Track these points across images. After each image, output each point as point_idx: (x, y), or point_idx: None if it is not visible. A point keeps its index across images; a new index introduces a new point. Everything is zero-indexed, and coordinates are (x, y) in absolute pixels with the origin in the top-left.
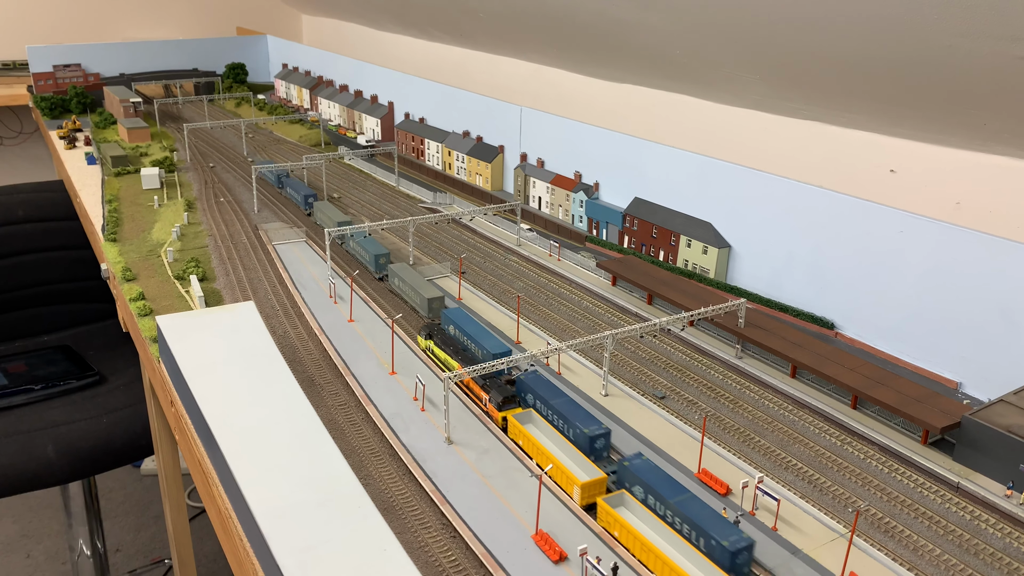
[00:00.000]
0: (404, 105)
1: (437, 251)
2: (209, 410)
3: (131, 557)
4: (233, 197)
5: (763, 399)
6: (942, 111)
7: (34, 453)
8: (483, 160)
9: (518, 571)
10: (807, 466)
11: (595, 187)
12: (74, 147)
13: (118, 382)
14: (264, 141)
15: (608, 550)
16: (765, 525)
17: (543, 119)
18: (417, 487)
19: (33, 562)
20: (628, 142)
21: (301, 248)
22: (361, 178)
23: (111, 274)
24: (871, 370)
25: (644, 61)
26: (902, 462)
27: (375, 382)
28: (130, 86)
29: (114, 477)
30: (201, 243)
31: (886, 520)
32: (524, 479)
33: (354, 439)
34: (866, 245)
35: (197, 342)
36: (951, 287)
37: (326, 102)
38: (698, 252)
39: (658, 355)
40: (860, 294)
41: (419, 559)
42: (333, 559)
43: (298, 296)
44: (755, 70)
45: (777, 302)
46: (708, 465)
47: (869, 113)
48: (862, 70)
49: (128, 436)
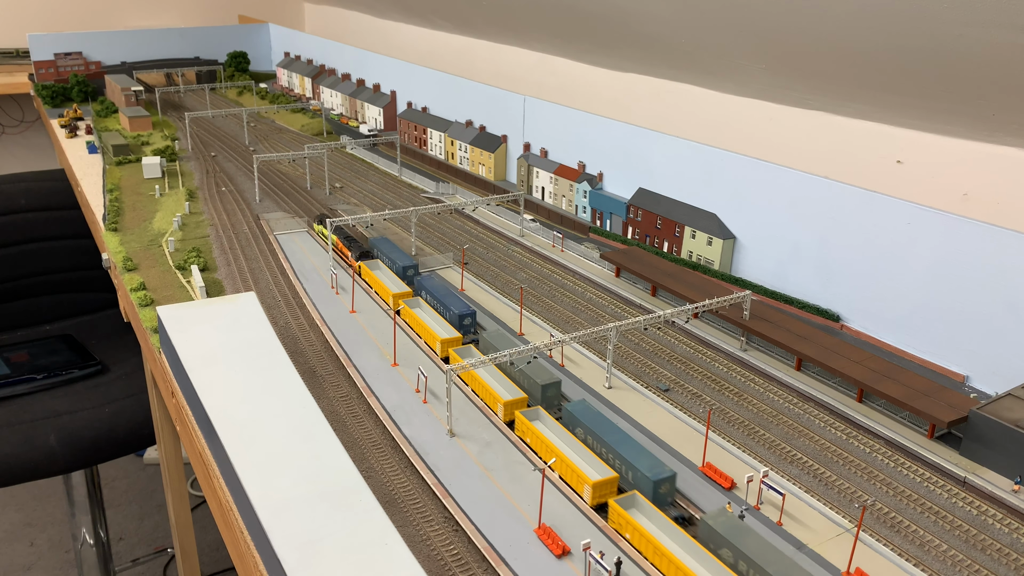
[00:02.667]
0: (407, 94)
1: (439, 242)
2: (210, 402)
3: (134, 546)
4: (235, 186)
5: (768, 392)
6: (950, 101)
7: (36, 443)
8: (486, 150)
9: (520, 565)
10: (812, 460)
11: (599, 177)
12: (75, 136)
13: (120, 371)
14: (266, 130)
15: (611, 544)
16: (770, 520)
17: (547, 108)
18: (419, 480)
19: (37, 550)
20: (632, 132)
21: (303, 238)
22: (363, 168)
23: (112, 264)
24: (877, 363)
25: (649, 50)
26: (908, 456)
27: (377, 374)
28: (131, 74)
29: (117, 466)
30: (202, 233)
31: (892, 515)
32: (527, 472)
33: (356, 431)
34: (872, 237)
35: (198, 333)
36: (958, 279)
37: (328, 91)
38: (703, 243)
39: (662, 347)
40: (866, 286)
41: (421, 552)
42: (334, 553)
43: (299, 287)
44: (761, 59)
45: (782, 294)
46: (712, 459)
47: (876, 103)
48: (869, 59)
49: (130, 426)
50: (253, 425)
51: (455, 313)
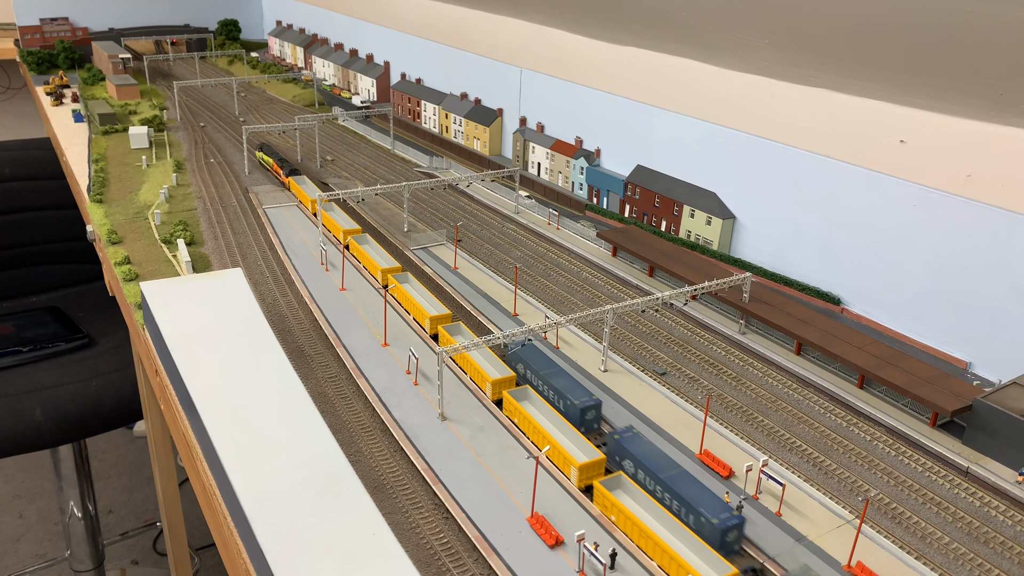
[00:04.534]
0: (400, 65)
1: (432, 218)
2: (193, 383)
3: (124, 518)
4: (224, 158)
5: (767, 377)
6: (957, 79)
7: (22, 416)
8: (481, 124)
9: (512, 556)
10: (812, 448)
11: (596, 153)
12: (61, 104)
13: (108, 345)
14: (256, 101)
15: (606, 534)
16: (769, 510)
17: (544, 82)
18: (409, 465)
19: (25, 522)
20: (631, 107)
21: (292, 212)
22: (355, 140)
23: (96, 236)
24: (879, 349)
25: (649, 23)
26: (910, 445)
27: (367, 354)
28: (119, 41)
29: (106, 439)
30: (190, 205)
31: (893, 506)
32: (520, 458)
33: (344, 413)
34: (875, 218)
35: (182, 310)
36: (962, 263)
37: (321, 61)
38: (702, 223)
39: (659, 329)
40: (868, 269)
41: (409, 541)
42: (319, 544)
43: (288, 262)
44: (764, 34)
45: (782, 276)
46: (710, 446)
47: (881, 80)
48: (875, 35)
49: (117, 400)
50: (237, 407)
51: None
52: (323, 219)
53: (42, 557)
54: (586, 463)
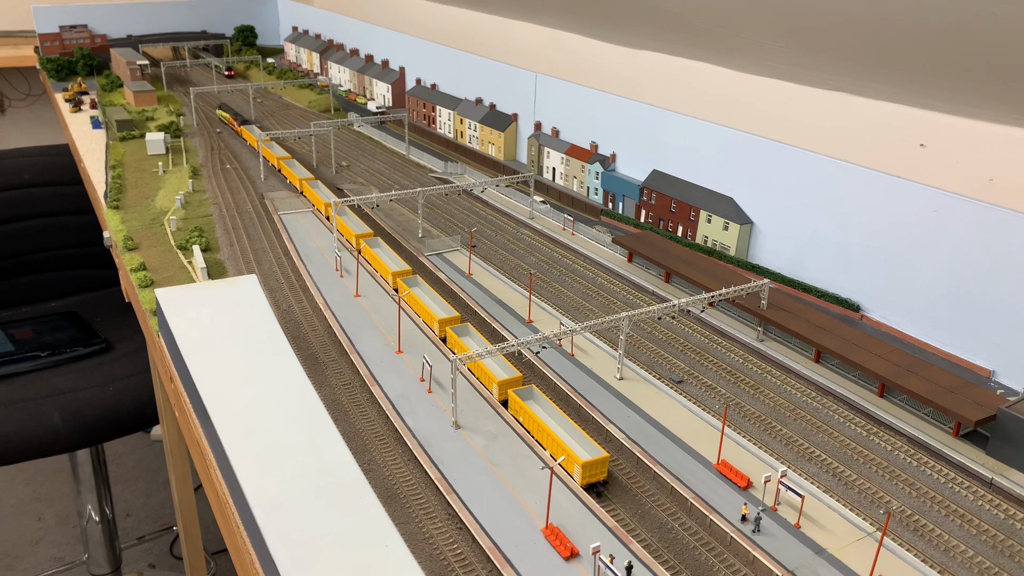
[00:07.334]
0: (416, 70)
1: (447, 223)
2: (206, 391)
3: (141, 522)
4: (240, 164)
5: (785, 385)
6: (979, 82)
7: (40, 420)
8: (496, 129)
9: (527, 568)
10: (831, 458)
11: (612, 158)
12: (79, 110)
13: (125, 349)
14: (273, 106)
15: (621, 545)
16: (788, 522)
17: (559, 86)
18: (422, 474)
19: (44, 525)
20: (647, 111)
21: (307, 218)
22: (371, 146)
23: (113, 242)
24: (900, 357)
25: (664, 26)
26: (932, 455)
27: (381, 361)
28: (137, 48)
29: (124, 442)
30: (206, 211)
31: (915, 518)
32: (533, 468)
33: (358, 421)
34: (894, 223)
35: (196, 317)
36: (984, 269)
37: (336, 66)
38: (718, 228)
39: (675, 336)
40: (887, 275)
41: (423, 552)
42: (331, 554)
43: (303, 268)
44: (780, 37)
45: (800, 282)
46: (728, 456)
47: (900, 84)
48: (895, 37)
49: (134, 404)
50: (250, 415)
51: None
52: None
53: (60, 560)
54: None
